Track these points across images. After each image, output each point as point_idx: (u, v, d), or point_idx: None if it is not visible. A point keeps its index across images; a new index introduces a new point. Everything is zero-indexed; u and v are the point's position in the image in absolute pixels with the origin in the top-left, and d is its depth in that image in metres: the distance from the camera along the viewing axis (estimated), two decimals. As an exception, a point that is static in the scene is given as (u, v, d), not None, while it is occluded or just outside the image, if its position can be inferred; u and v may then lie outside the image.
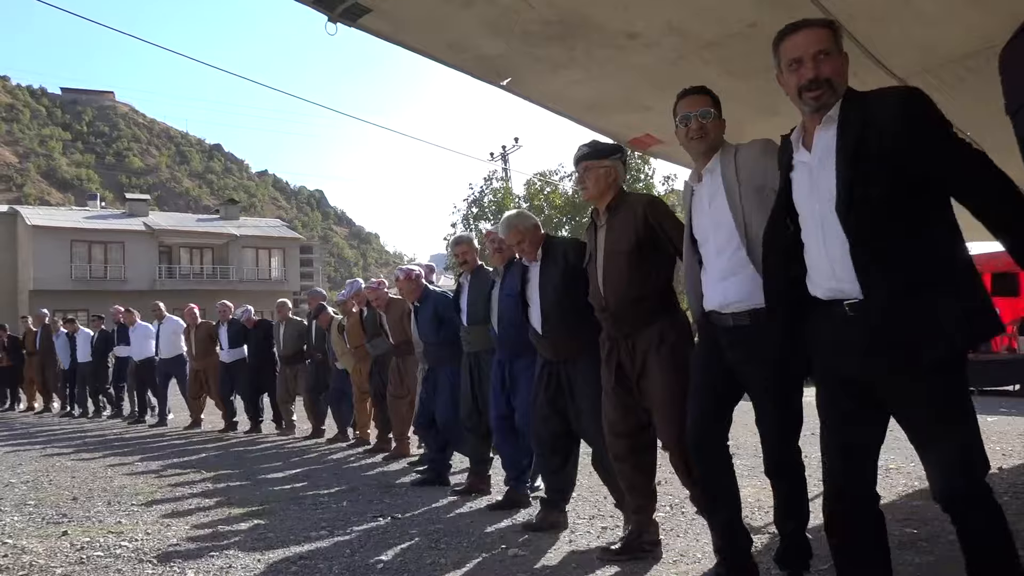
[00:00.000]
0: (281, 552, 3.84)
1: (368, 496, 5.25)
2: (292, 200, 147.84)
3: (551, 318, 3.99)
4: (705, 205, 2.97)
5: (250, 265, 41.70)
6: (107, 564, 3.71)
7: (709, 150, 2.98)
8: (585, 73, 3.79)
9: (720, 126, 3.00)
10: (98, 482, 6.10)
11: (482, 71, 3.85)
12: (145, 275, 37.75)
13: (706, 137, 2.95)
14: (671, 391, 3.22)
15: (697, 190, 3.03)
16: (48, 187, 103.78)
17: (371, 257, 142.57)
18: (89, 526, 4.56)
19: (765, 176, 2.74)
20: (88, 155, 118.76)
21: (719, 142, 2.99)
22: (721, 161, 2.94)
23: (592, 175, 3.49)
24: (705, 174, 2.99)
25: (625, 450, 3.51)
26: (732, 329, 2.84)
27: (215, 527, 4.44)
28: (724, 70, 3.63)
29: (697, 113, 2.95)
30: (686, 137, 2.99)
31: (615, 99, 4.11)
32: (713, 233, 2.92)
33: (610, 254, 3.42)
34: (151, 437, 9.46)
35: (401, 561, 3.62)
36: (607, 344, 3.51)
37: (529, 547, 3.79)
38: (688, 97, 3.01)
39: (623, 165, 3.59)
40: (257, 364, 9.52)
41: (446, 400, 5.53)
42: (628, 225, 3.38)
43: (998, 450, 6.16)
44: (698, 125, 2.94)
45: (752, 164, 2.85)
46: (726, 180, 2.89)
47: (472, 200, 30.20)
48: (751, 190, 2.82)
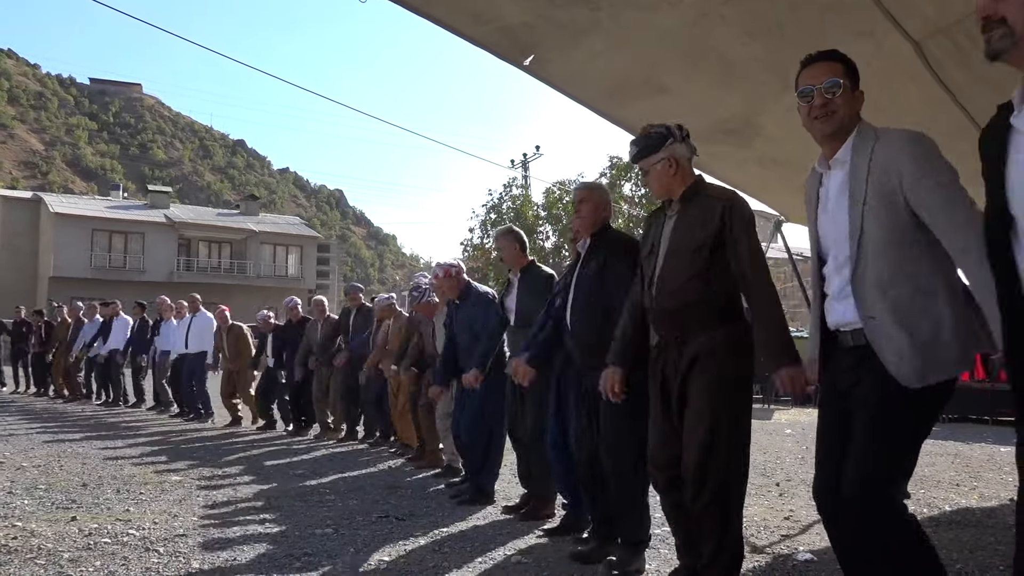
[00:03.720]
0: (285, 547, 3.87)
1: (374, 496, 5.27)
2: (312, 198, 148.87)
3: (579, 316, 3.69)
4: (831, 203, 2.41)
5: (267, 261, 41.99)
6: (114, 551, 3.75)
7: (840, 132, 2.35)
8: (606, 42, 3.71)
9: (854, 101, 2.36)
10: (108, 469, 6.15)
11: (505, 46, 3.76)
12: (163, 267, 38.10)
13: (833, 116, 2.33)
14: (703, 411, 2.86)
15: (825, 183, 2.46)
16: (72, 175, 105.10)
17: (388, 259, 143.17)
18: (97, 513, 4.60)
19: (901, 180, 2.21)
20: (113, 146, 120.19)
21: (853, 121, 2.36)
22: (854, 150, 2.33)
23: (652, 175, 3.13)
24: (834, 164, 2.39)
25: (668, 483, 3.06)
26: (851, 350, 2.33)
27: (222, 519, 4.47)
28: (743, 30, 3.48)
29: (823, 86, 2.33)
30: (808, 116, 2.39)
31: (635, 78, 3.99)
32: (835, 242, 2.39)
33: (675, 249, 3.03)
34: (166, 429, 9.52)
35: (404, 562, 3.64)
36: (655, 350, 3.13)
37: (532, 555, 3.79)
38: (812, 66, 2.39)
39: (684, 145, 3.12)
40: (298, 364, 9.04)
41: (476, 413, 5.03)
42: (701, 221, 2.96)
43: (1011, 481, 6.11)
44: (823, 101, 2.33)
45: (888, 161, 2.24)
46: (854, 179, 2.30)
47: (491, 206, 30.29)
48: (877, 196, 2.24)
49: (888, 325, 2.19)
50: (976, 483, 6.03)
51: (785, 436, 9.29)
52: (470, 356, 5.05)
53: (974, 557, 3.72)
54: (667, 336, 3.06)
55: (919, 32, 3.37)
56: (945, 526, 4.44)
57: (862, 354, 2.26)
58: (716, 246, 2.93)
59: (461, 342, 5.27)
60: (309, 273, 43.89)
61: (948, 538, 4.07)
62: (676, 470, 3.00)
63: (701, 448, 2.85)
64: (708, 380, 2.89)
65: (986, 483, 6.04)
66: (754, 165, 4.87)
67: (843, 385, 2.35)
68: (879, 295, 2.22)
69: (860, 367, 2.27)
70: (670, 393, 3.02)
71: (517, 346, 4.61)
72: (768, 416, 12.20)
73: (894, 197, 2.21)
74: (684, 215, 3.06)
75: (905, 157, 2.21)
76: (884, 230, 2.22)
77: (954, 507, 5.12)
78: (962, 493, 5.58)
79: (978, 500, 5.35)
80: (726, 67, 3.78)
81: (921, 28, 3.34)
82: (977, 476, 6.38)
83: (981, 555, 3.75)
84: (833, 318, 2.39)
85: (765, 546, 4.05)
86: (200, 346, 10.50)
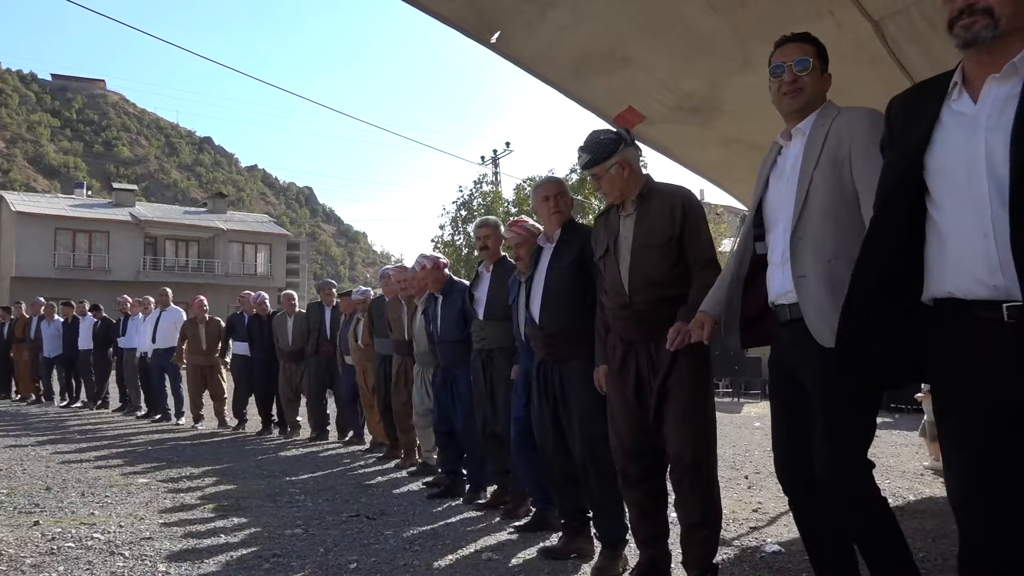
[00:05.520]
0: (254, 549, 3.83)
1: (344, 495, 5.23)
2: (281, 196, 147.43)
3: (551, 307, 3.65)
4: (787, 171, 2.50)
5: (236, 260, 41.48)
6: (78, 555, 3.69)
7: (806, 109, 2.47)
8: (572, 14, 3.69)
9: (821, 82, 2.49)
10: (73, 473, 6.05)
11: (472, 22, 3.74)
12: (129, 266, 37.48)
13: (800, 93, 2.44)
14: (694, 398, 3.00)
15: (784, 153, 2.56)
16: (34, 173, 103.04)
17: (358, 256, 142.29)
18: (61, 516, 4.53)
19: (852, 149, 2.32)
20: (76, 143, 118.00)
21: (819, 101, 2.49)
22: (815, 123, 2.44)
23: (606, 180, 3.17)
24: (795, 134, 2.50)
25: (639, 473, 3.16)
26: (789, 323, 2.40)
27: (189, 522, 4.41)
28: (707, 3, 3.50)
29: (793, 63, 2.44)
30: (778, 92, 2.49)
31: (599, 51, 3.98)
32: (783, 209, 2.45)
33: (641, 247, 3.10)
34: (133, 430, 9.38)
35: (374, 562, 3.62)
36: (619, 350, 3.17)
37: (503, 551, 3.80)
38: (785, 46, 2.50)
39: (633, 147, 3.23)
40: (267, 360, 8.93)
41: (469, 408, 4.98)
42: (664, 217, 3.07)
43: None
44: (792, 78, 2.44)
45: (844, 132, 2.36)
46: (809, 148, 2.42)
47: (461, 203, 30.22)
48: (828, 163, 2.36)
49: (815, 285, 2.27)
50: (939, 473, 6.14)
51: (754, 429, 9.39)
52: (456, 349, 5.06)
53: (936, 545, 3.79)
54: (637, 336, 3.10)
55: (878, 12, 3.42)
56: (909, 515, 4.51)
57: (799, 329, 2.32)
58: (679, 239, 3.07)
59: (446, 335, 5.20)
60: (279, 271, 43.44)
61: (912, 527, 4.14)
62: (650, 459, 3.14)
63: (698, 435, 3.00)
64: (691, 370, 3.00)
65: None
66: (716, 146, 4.91)
67: (788, 362, 2.43)
68: (813, 256, 2.30)
69: (799, 344, 2.33)
70: (645, 387, 3.08)
71: (487, 339, 4.61)
72: (737, 409, 12.32)
73: (842, 167, 2.32)
74: (644, 213, 3.14)
75: (859, 129, 2.32)
76: (828, 196, 2.32)
77: (918, 496, 5.21)
78: (926, 483, 5.68)
79: (942, 488, 5.45)
80: (689, 40, 3.81)
81: (880, 7, 3.40)
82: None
83: (944, 543, 3.82)
84: (774, 288, 2.46)
85: (733, 538, 4.09)
86: (169, 341, 10.09)
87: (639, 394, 3.11)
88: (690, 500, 3.02)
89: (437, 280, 5.37)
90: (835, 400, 2.25)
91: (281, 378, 8.70)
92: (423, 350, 5.77)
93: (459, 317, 5.11)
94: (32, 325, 12.99)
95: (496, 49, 3.90)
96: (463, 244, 29.29)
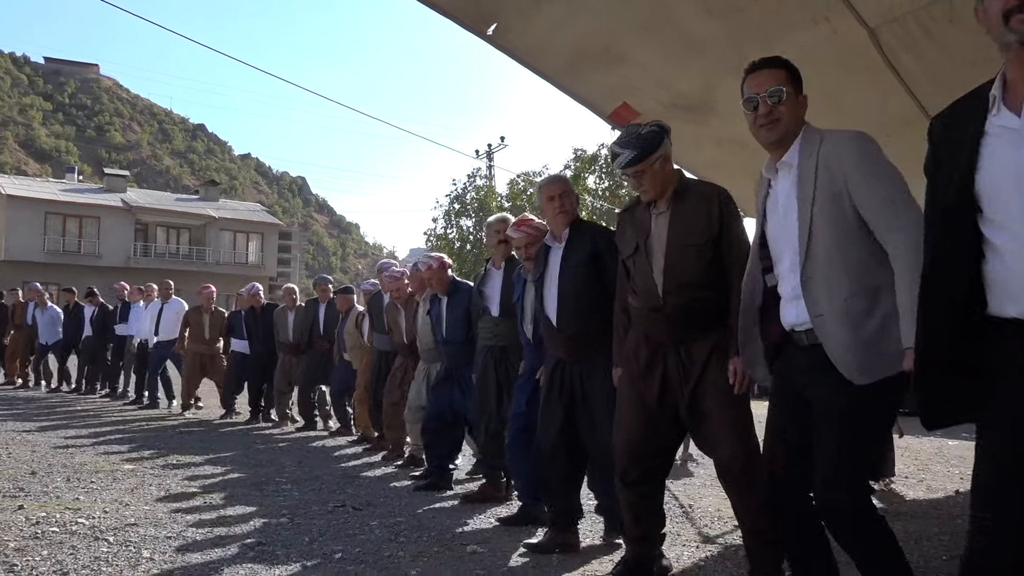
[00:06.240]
0: (239, 537, 3.83)
1: (331, 486, 5.23)
2: (274, 185, 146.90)
3: (568, 308, 3.59)
4: (780, 207, 2.45)
5: (227, 248, 41.40)
6: (62, 540, 3.68)
7: (786, 138, 2.40)
8: (568, 8, 3.71)
9: (798, 107, 2.41)
10: (59, 458, 6.03)
11: (469, 14, 3.75)
12: (119, 252, 37.36)
13: (777, 124, 2.38)
14: (736, 403, 2.89)
15: (774, 186, 2.50)
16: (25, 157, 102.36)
17: (350, 247, 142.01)
18: (46, 501, 4.51)
19: (846, 179, 2.26)
20: (68, 127, 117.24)
21: (798, 125, 2.41)
22: (800, 153, 2.37)
23: (649, 176, 3.00)
24: (782, 168, 2.44)
25: (640, 476, 3.11)
26: (807, 348, 2.36)
27: (174, 509, 4.41)
28: (703, 6, 3.53)
29: (766, 93, 2.37)
30: (754, 124, 2.43)
31: (595, 47, 4.00)
32: (786, 245, 2.41)
33: (678, 246, 2.97)
34: (120, 417, 9.35)
35: (359, 552, 3.62)
36: (645, 353, 3.06)
37: (488, 544, 3.81)
38: (755, 73, 2.42)
39: (669, 141, 3.07)
40: (265, 352, 8.90)
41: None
42: (701, 216, 2.93)
43: (957, 474, 6.27)
44: (767, 110, 2.36)
45: (834, 163, 2.30)
46: (802, 182, 2.35)
47: (454, 196, 30.22)
48: (825, 197, 2.29)
49: (834, 323, 2.25)
50: (924, 475, 6.18)
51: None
52: (462, 350, 5.05)
53: (919, 547, 3.82)
54: (668, 338, 3.00)
55: (874, 19, 3.45)
56: (892, 517, 4.52)
57: (816, 355, 2.30)
58: (716, 239, 2.97)
59: (452, 336, 5.18)
60: (270, 261, 43.38)
61: (895, 529, 4.16)
62: (653, 462, 3.11)
63: (747, 437, 2.93)
64: (727, 370, 2.87)
65: (933, 475, 6.20)
66: (711, 145, 4.92)
67: (799, 383, 2.40)
68: (827, 295, 2.27)
69: (815, 370, 2.30)
70: (673, 390, 2.98)
71: (499, 336, 4.60)
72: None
73: (840, 198, 2.27)
74: (679, 211, 3.01)
75: (849, 157, 2.28)
76: (832, 230, 2.27)
77: (901, 499, 5.24)
78: (910, 485, 5.72)
79: (925, 492, 5.49)
80: (685, 41, 3.84)
81: (876, 15, 3.43)
82: (925, 468, 6.54)
83: (927, 545, 3.85)
84: (788, 319, 2.43)
85: (717, 536, 4.11)
86: (171, 333, 10.03)
87: (663, 397, 3.01)
88: (750, 505, 2.87)
89: (441, 281, 5.31)
90: (854, 432, 2.23)
91: (278, 370, 8.68)
92: (428, 347, 5.73)
93: (464, 317, 5.10)
94: (28, 311, 12.85)
95: (492, 41, 3.90)
96: (456, 238, 29.30)
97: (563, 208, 3.75)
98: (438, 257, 5.45)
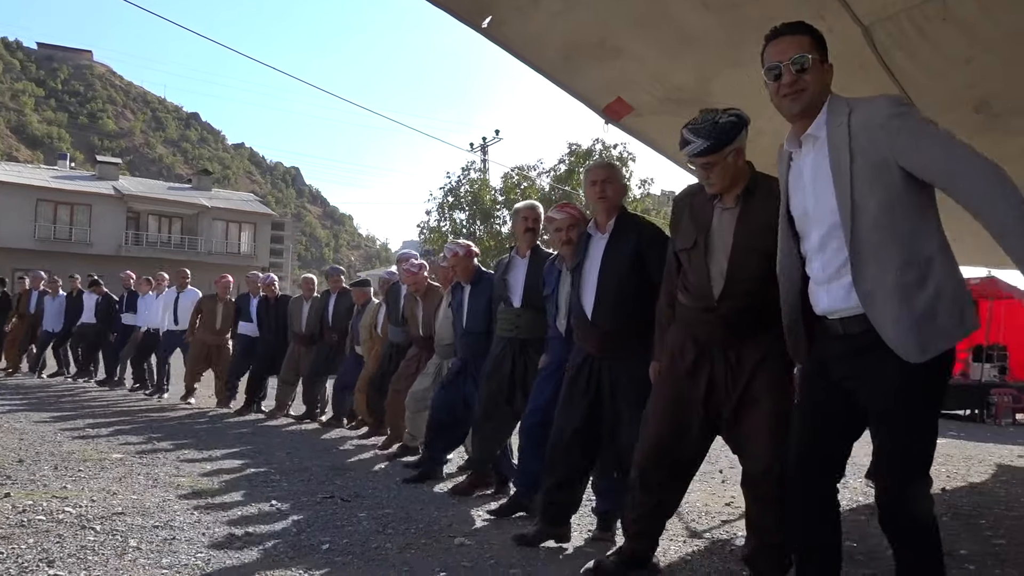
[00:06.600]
0: (227, 527, 3.82)
1: (320, 477, 5.23)
2: (267, 175, 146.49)
3: (606, 302, 3.44)
4: (807, 182, 2.30)
5: (219, 238, 41.21)
6: (48, 528, 3.67)
7: (810, 109, 2.26)
8: (564, 2, 3.69)
9: (824, 75, 2.27)
10: (46, 446, 6.00)
11: (464, 6, 3.73)
12: (111, 240, 37.16)
13: (802, 94, 2.24)
14: (777, 414, 2.77)
15: (796, 161, 2.36)
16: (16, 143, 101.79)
17: (343, 239, 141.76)
18: (33, 489, 4.49)
19: (891, 146, 2.11)
20: (61, 114, 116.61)
21: (823, 96, 2.27)
22: (828, 123, 2.23)
23: (719, 169, 2.81)
24: (806, 141, 2.30)
25: (660, 479, 3.00)
26: (843, 337, 2.25)
27: (161, 498, 4.40)
28: (699, 0, 3.51)
29: (789, 61, 2.23)
30: (777, 95, 2.29)
31: (590, 40, 3.98)
32: (816, 221, 2.27)
33: (744, 250, 2.79)
34: (111, 405, 9.32)
35: (346, 543, 3.62)
36: (691, 351, 2.92)
37: (476, 536, 3.81)
38: (777, 40, 2.29)
39: (746, 134, 2.87)
40: (275, 342, 8.85)
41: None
42: (772, 217, 2.60)
43: (943, 472, 6.30)
44: (791, 79, 2.23)
45: (873, 130, 2.14)
46: (834, 153, 2.20)
47: (448, 189, 30.15)
48: (867, 167, 2.14)
49: (886, 299, 2.11)
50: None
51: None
52: (481, 340, 4.92)
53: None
54: (719, 340, 2.86)
55: (868, 16, 3.45)
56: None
57: (858, 345, 2.18)
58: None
59: (473, 326, 5.05)
60: (262, 251, 43.21)
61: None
62: (676, 468, 3.00)
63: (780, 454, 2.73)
64: (779, 380, 2.80)
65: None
66: None
67: (836, 373, 2.28)
68: (876, 269, 2.14)
69: (859, 360, 2.19)
70: (718, 393, 2.87)
71: (520, 328, 4.45)
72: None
73: (886, 166, 2.13)
74: (749, 209, 2.83)
75: (890, 122, 2.13)
76: (878, 201, 2.13)
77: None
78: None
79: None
80: (680, 35, 3.82)
81: (869, 12, 3.43)
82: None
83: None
84: (820, 304, 2.30)
85: (704, 531, 4.13)
86: (187, 322, 9.85)
87: (707, 400, 2.88)
88: (771, 518, 2.81)
89: (467, 269, 5.18)
90: (912, 422, 2.14)
91: (286, 360, 8.61)
92: (446, 343, 5.68)
93: (487, 307, 4.96)
94: (32, 299, 12.70)
95: (487, 34, 3.88)
96: (449, 231, 29.24)
97: (604, 194, 3.60)
98: (464, 244, 5.31)
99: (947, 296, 2.09)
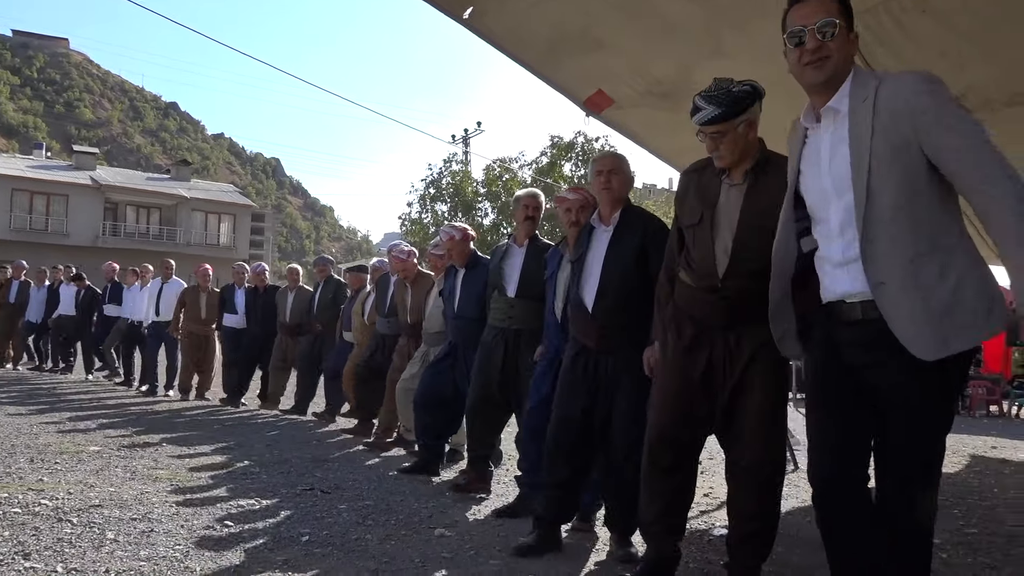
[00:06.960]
0: (206, 519, 3.81)
1: (300, 469, 5.22)
2: (247, 166, 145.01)
3: (607, 295, 3.36)
4: (824, 159, 2.15)
5: (199, 229, 40.85)
6: (24, 521, 3.63)
7: (833, 80, 2.11)
8: None
9: (849, 45, 2.11)
10: (22, 438, 5.94)
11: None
12: (88, 231, 36.73)
13: (826, 63, 2.08)
14: (778, 399, 2.75)
15: (813, 136, 2.21)
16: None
17: (324, 230, 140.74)
18: (8, 482, 4.45)
19: (915, 128, 1.96)
20: (36, 102, 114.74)
21: (847, 67, 2.12)
22: (851, 96, 2.08)
23: (729, 140, 2.68)
24: (826, 114, 2.14)
25: (673, 461, 2.92)
26: (859, 323, 2.11)
27: (140, 490, 4.37)
28: None
29: (815, 26, 2.07)
30: (799, 62, 2.13)
31: (572, 31, 3.97)
32: (836, 201, 2.12)
33: (750, 228, 2.67)
34: (91, 398, 9.23)
35: (327, 535, 3.62)
36: (689, 329, 2.82)
37: (456, 528, 3.82)
38: (802, 4, 2.13)
39: (760, 107, 2.73)
40: (262, 334, 8.77)
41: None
42: (781, 194, 2.47)
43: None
44: (815, 45, 2.07)
45: (899, 107, 1.98)
46: (855, 129, 2.05)
47: (430, 181, 30.04)
48: (887, 147, 1.99)
49: (899, 291, 1.99)
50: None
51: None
52: (473, 327, 4.81)
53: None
54: (720, 322, 2.76)
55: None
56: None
57: (875, 331, 2.04)
58: None
59: (465, 311, 4.96)
60: (242, 242, 42.85)
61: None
62: (688, 448, 2.95)
63: (778, 442, 2.80)
64: (773, 369, 2.74)
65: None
66: (686, 132, 4.93)
67: (850, 360, 2.15)
68: (891, 258, 2.01)
69: (877, 347, 2.05)
70: (716, 375, 2.79)
71: (514, 319, 4.39)
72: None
73: (908, 147, 1.99)
74: (758, 186, 2.71)
75: (919, 101, 1.98)
76: (897, 184, 2.00)
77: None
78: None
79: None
80: (663, 25, 3.81)
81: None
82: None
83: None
84: (836, 288, 2.16)
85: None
86: (171, 314, 9.71)
87: (706, 379, 2.80)
88: (755, 510, 2.80)
89: (462, 253, 5.11)
90: (928, 418, 2.04)
91: (275, 350, 8.54)
92: (434, 331, 5.63)
93: (480, 294, 4.86)
94: (12, 289, 12.41)
95: (468, 25, 3.87)
96: (431, 223, 29.14)
97: (609, 185, 3.50)
98: (461, 227, 5.25)
99: (970, 288, 1.95)
